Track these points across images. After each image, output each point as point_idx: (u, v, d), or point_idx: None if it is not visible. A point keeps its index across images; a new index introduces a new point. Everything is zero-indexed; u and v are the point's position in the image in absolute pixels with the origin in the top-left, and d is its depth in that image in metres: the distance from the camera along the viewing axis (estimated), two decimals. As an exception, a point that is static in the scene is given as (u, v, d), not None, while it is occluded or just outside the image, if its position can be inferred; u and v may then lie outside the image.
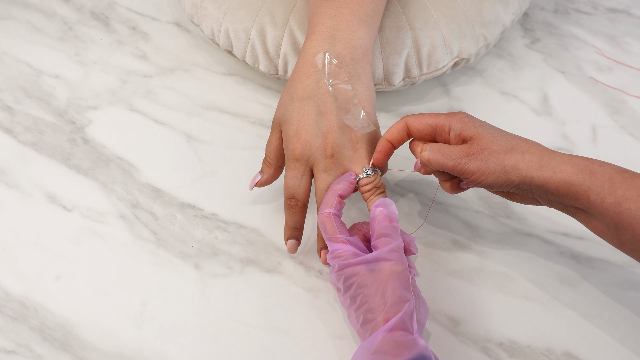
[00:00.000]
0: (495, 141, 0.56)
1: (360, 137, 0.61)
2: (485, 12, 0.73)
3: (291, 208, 0.62)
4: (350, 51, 0.62)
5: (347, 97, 0.61)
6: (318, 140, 0.60)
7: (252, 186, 0.65)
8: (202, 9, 0.75)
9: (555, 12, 0.86)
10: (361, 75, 0.62)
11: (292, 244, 0.63)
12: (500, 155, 0.55)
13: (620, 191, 0.52)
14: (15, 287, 0.63)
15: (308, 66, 0.62)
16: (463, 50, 0.73)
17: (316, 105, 0.61)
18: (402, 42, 0.71)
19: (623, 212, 0.52)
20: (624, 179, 0.53)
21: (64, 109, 0.76)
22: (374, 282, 0.54)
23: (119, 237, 0.66)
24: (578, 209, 0.55)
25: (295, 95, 0.62)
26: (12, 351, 0.60)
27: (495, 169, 0.55)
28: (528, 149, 0.56)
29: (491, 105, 0.77)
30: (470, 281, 0.64)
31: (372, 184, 0.60)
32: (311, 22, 0.64)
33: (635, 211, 0.52)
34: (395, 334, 0.51)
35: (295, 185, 0.61)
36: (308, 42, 0.63)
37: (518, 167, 0.55)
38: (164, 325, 0.61)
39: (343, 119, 0.61)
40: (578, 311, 0.62)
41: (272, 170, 0.64)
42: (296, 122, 0.61)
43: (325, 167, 0.60)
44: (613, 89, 0.78)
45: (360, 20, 0.63)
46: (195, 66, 0.80)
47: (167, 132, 0.74)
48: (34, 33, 0.83)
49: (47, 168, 0.71)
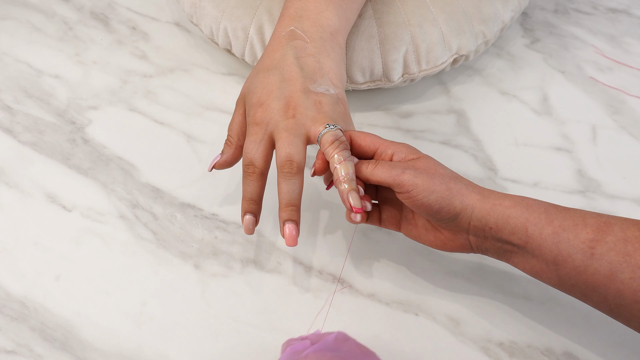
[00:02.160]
0: (440, 166, 0.56)
1: (325, 101, 0.59)
2: (484, 8, 0.73)
3: (249, 176, 0.58)
4: (317, 29, 0.62)
5: (313, 69, 0.60)
6: (280, 103, 0.58)
7: (211, 167, 0.62)
8: (200, 8, 0.75)
9: (555, 12, 0.86)
10: (329, 52, 0.62)
11: (249, 221, 0.59)
12: (445, 178, 0.55)
13: (557, 221, 0.52)
14: (15, 287, 0.63)
15: (275, 43, 0.62)
16: (462, 46, 0.73)
17: (281, 74, 0.60)
18: (400, 39, 0.71)
19: (561, 242, 0.51)
20: (558, 210, 0.53)
21: (64, 109, 0.76)
22: None
23: (119, 237, 0.66)
24: (514, 246, 0.54)
25: (260, 69, 0.61)
26: (12, 351, 0.60)
27: (440, 188, 0.54)
28: (469, 183, 0.56)
29: (491, 105, 0.77)
30: (470, 281, 0.64)
31: (332, 134, 0.56)
32: (282, 8, 0.65)
33: (573, 240, 0.51)
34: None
35: (254, 150, 0.58)
36: (277, 24, 0.64)
37: (462, 194, 0.54)
38: (164, 325, 0.61)
39: (308, 86, 0.59)
40: (578, 311, 0.62)
41: (233, 149, 0.61)
42: (259, 90, 0.59)
43: (287, 126, 0.57)
44: (613, 89, 0.78)
45: (328, 2, 0.63)
46: (195, 66, 0.80)
47: (167, 132, 0.74)
48: (34, 33, 0.83)
49: (47, 168, 0.71)
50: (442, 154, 0.73)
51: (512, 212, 0.53)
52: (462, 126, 0.75)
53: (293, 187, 0.57)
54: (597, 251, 0.50)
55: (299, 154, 0.57)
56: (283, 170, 0.57)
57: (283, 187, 0.57)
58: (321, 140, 0.57)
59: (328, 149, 0.56)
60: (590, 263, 0.50)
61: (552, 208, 0.53)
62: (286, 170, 0.56)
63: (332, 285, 0.63)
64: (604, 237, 0.50)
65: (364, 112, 0.76)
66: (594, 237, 0.51)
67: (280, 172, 0.57)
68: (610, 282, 0.50)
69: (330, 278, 0.64)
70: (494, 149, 0.73)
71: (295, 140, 0.57)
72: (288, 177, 0.57)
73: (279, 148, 0.57)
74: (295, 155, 0.57)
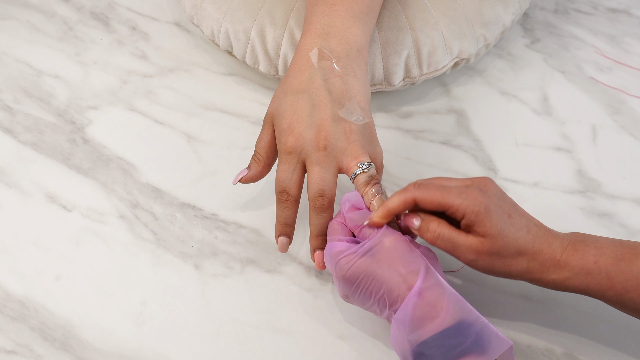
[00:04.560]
0: (507, 246, 0.54)
1: (354, 129, 0.60)
2: (486, 12, 0.73)
3: (282, 202, 0.60)
4: (344, 47, 0.62)
5: (341, 91, 0.60)
6: (311, 132, 0.59)
7: (236, 181, 0.63)
8: (202, 9, 0.75)
9: (555, 12, 0.86)
10: (356, 71, 0.62)
11: (283, 242, 0.62)
12: (508, 260, 0.54)
13: (619, 284, 0.53)
14: (15, 287, 0.63)
15: (302, 62, 0.62)
16: (463, 50, 0.73)
17: (310, 99, 0.60)
18: (402, 42, 0.71)
19: (625, 302, 0.53)
20: (620, 270, 0.53)
21: (64, 109, 0.76)
22: (379, 265, 0.53)
23: (119, 237, 0.66)
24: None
25: (289, 90, 0.61)
26: (12, 351, 0.60)
27: (501, 270, 0.55)
28: (534, 256, 0.54)
29: (491, 105, 0.77)
30: (470, 281, 0.64)
31: (366, 174, 0.58)
32: (306, 21, 0.64)
33: (637, 299, 0.53)
34: (425, 295, 0.51)
35: (287, 179, 0.60)
36: (302, 40, 0.63)
37: (521, 274, 0.55)
38: (164, 325, 0.61)
39: (337, 112, 0.60)
40: (578, 311, 0.62)
41: (261, 167, 0.63)
42: (289, 115, 0.60)
43: (318, 160, 0.59)
44: (613, 89, 0.78)
45: (354, 17, 0.63)
46: (195, 66, 0.80)
47: (167, 132, 0.74)
48: (34, 33, 0.82)
49: (47, 168, 0.71)
50: (442, 154, 0.73)
51: (570, 283, 0.54)
52: (462, 126, 0.75)
53: (324, 220, 0.60)
54: None
55: (330, 190, 0.59)
56: (315, 204, 0.59)
57: (314, 219, 0.60)
58: (355, 180, 0.59)
59: (361, 188, 0.58)
60: None
61: (613, 269, 0.53)
62: (318, 205, 0.59)
63: (332, 285, 0.63)
64: None
65: (364, 112, 0.76)
66: None
67: (312, 206, 0.59)
68: None
69: (330, 278, 0.64)
70: (494, 149, 0.73)
71: (326, 175, 0.59)
72: (320, 212, 0.59)
73: (311, 182, 0.59)
74: (327, 191, 0.59)
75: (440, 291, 0.52)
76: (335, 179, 0.60)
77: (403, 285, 0.52)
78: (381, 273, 0.53)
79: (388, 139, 0.73)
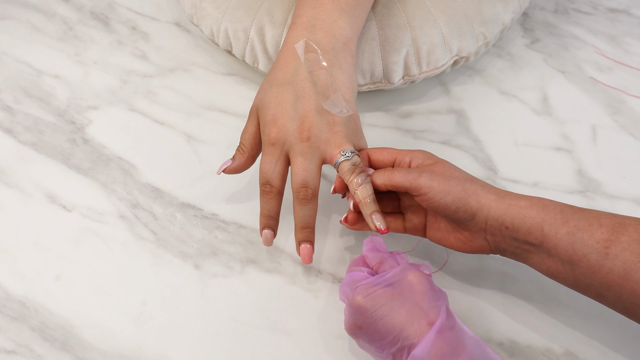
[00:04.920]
0: (456, 170, 0.57)
1: (338, 121, 0.60)
2: (485, 10, 0.73)
3: (266, 194, 0.60)
4: (330, 40, 0.62)
5: (326, 83, 0.60)
6: (294, 123, 0.59)
7: (220, 171, 0.63)
8: (201, 9, 0.75)
9: (555, 12, 0.86)
10: (342, 64, 0.62)
11: (267, 235, 0.62)
12: (461, 180, 0.56)
13: (572, 221, 0.53)
14: (15, 287, 0.63)
15: (288, 54, 0.62)
16: (462, 48, 0.73)
17: (294, 91, 0.60)
18: (401, 41, 0.71)
19: (577, 242, 0.52)
20: (574, 211, 0.54)
21: (64, 109, 0.76)
22: (400, 297, 0.53)
23: (119, 237, 0.66)
24: (531, 246, 0.54)
25: (274, 82, 0.61)
26: (12, 351, 0.60)
27: (456, 189, 0.55)
28: (485, 184, 0.57)
29: (491, 105, 0.77)
30: (470, 281, 0.64)
31: (349, 162, 0.58)
32: (294, 14, 0.65)
33: (588, 240, 0.52)
34: (447, 334, 0.51)
35: (270, 170, 0.59)
36: (289, 32, 0.64)
37: (478, 194, 0.55)
38: (164, 325, 0.61)
39: (321, 103, 0.60)
40: (578, 311, 0.62)
41: (245, 159, 0.63)
42: (273, 107, 0.60)
43: (302, 150, 0.59)
44: (613, 89, 0.78)
45: (340, 10, 0.63)
46: (195, 66, 0.80)
47: (167, 132, 0.74)
48: (34, 33, 0.83)
49: (47, 168, 0.71)
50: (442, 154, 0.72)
51: (528, 212, 0.54)
52: (462, 126, 0.75)
53: (308, 212, 0.59)
54: (611, 251, 0.51)
55: (314, 180, 0.59)
56: (299, 195, 0.59)
57: (298, 211, 0.59)
58: (339, 168, 0.59)
59: (346, 176, 0.58)
60: (604, 263, 0.51)
61: (567, 208, 0.54)
62: (301, 197, 0.59)
63: (332, 285, 0.63)
64: (619, 238, 0.51)
65: (364, 112, 0.76)
66: (608, 237, 0.51)
67: (296, 197, 0.59)
68: (625, 281, 0.51)
69: (330, 278, 0.64)
70: (494, 149, 0.73)
71: (309, 166, 0.59)
72: (304, 203, 0.59)
73: (294, 173, 0.59)
74: (310, 181, 0.59)
75: (462, 331, 0.52)
76: (319, 170, 0.60)
77: (423, 321, 0.51)
78: (401, 305, 0.52)
79: (388, 139, 0.73)
